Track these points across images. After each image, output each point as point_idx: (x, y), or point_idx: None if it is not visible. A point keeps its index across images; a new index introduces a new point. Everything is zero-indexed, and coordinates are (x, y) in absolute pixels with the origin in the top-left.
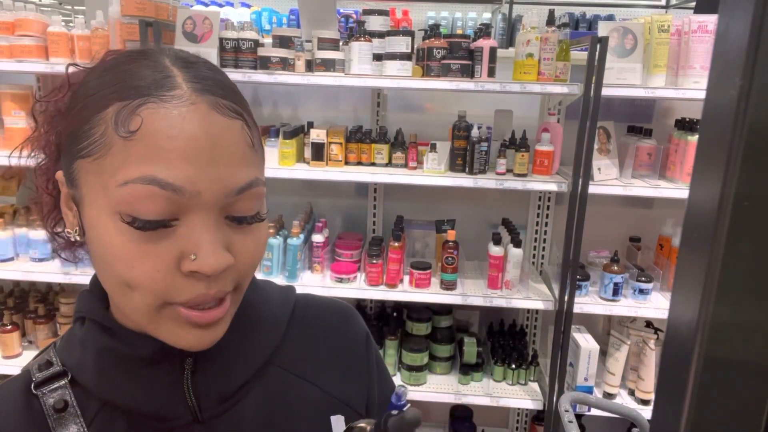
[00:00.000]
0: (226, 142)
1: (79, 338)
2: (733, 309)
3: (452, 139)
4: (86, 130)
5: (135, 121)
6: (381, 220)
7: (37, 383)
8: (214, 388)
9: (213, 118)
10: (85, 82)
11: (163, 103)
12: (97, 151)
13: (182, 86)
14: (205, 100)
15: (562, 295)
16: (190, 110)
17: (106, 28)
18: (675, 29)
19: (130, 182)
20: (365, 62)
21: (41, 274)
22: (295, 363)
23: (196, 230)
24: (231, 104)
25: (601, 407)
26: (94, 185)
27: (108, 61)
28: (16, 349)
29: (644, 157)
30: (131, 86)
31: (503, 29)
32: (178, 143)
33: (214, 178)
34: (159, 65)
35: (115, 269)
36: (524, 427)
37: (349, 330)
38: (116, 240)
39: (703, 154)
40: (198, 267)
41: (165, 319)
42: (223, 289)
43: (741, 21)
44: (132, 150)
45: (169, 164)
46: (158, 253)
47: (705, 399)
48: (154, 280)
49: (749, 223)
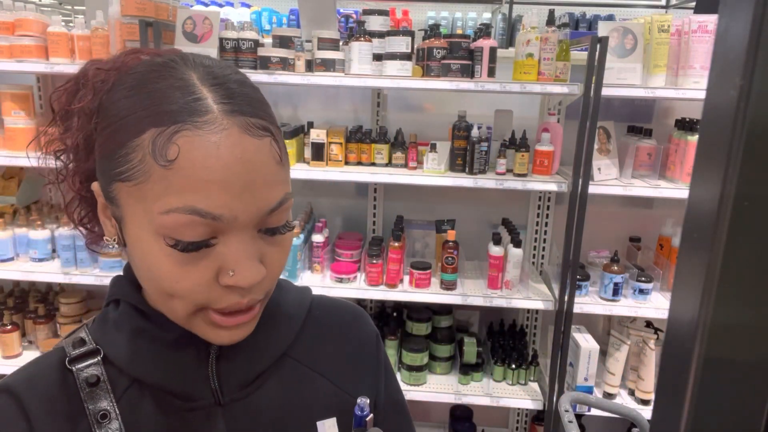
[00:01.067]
0: (258, 165)
1: (113, 319)
2: (733, 309)
3: (452, 139)
4: (123, 155)
5: (172, 149)
6: (381, 220)
7: (72, 359)
8: (235, 374)
9: (245, 142)
10: (116, 98)
11: (197, 130)
12: (137, 177)
13: (213, 110)
14: (236, 123)
15: (562, 295)
16: (223, 136)
17: (106, 28)
18: (675, 29)
19: (172, 211)
20: (365, 62)
21: (41, 274)
22: (310, 357)
23: (233, 248)
24: (260, 122)
25: (601, 407)
26: (135, 208)
27: (134, 75)
28: (16, 349)
29: (644, 157)
30: (164, 111)
31: (503, 29)
32: (215, 173)
33: (249, 202)
34: (188, 84)
35: (157, 282)
36: (524, 427)
37: (361, 330)
38: (160, 259)
39: (703, 154)
40: (235, 282)
41: (199, 320)
42: (255, 297)
43: (741, 21)
44: (171, 179)
45: (208, 194)
46: (199, 270)
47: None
48: (194, 292)
49: (749, 223)
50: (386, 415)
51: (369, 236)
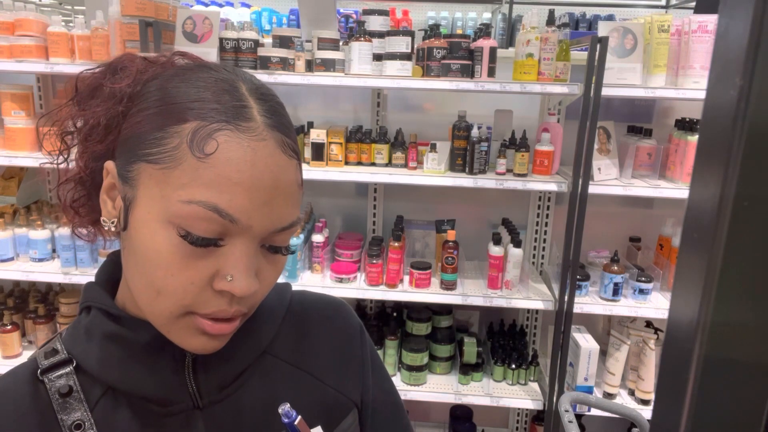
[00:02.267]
0: (284, 183)
1: (85, 326)
2: (733, 309)
3: (452, 139)
4: (158, 138)
5: (211, 144)
6: (381, 220)
7: (43, 370)
8: (213, 376)
9: (278, 157)
10: (159, 85)
11: (238, 132)
12: (167, 161)
13: (257, 119)
14: (274, 137)
15: (562, 295)
16: (261, 146)
17: (106, 28)
18: (675, 29)
19: (194, 203)
20: (365, 62)
21: (41, 274)
22: (291, 354)
23: (237, 254)
24: (292, 144)
25: (601, 407)
26: (153, 191)
27: (180, 70)
28: (16, 349)
29: (644, 157)
30: (211, 108)
31: (503, 29)
32: (245, 178)
33: (266, 215)
34: (237, 91)
35: (150, 272)
36: (524, 427)
37: (343, 323)
38: (163, 248)
39: (703, 154)
40: (231, 288)
41: (180, 325)
42: (240, 309)
43: (741, 21)
44: (202, 172)
45: (233, 196)
46: (197, 268)
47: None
48: (185, 290)
49: (749, 223)
50: (380, 415)
51: (369, 236)
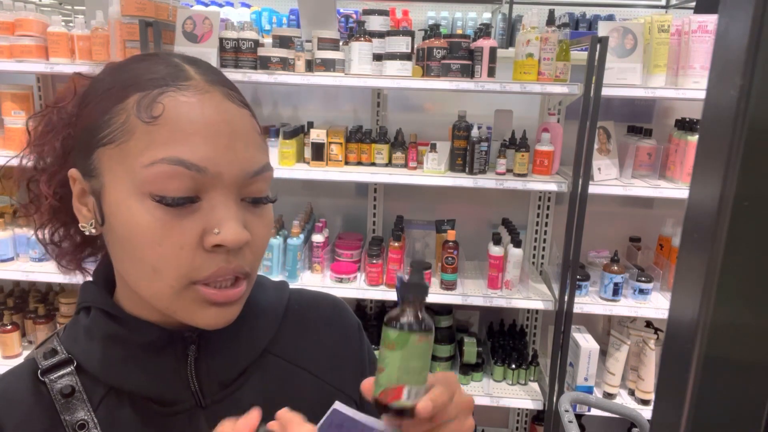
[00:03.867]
0: (241, 128)
1: (85, 327)
2: (733, 309)
3: (452, 139)
4: (106, 120)
5: (157, 107)
6: (381, 220)
7: (44, 370)
8: (215, 374)
9: (227, 106)
10: (97, 80)
11: (181, 91)
12: (120, 137)
13: (195, 77)
14: (218, 90)
15: (562, 295)
16: (206, 97)
17: (106, 28)
18: (675, 29)
19: (156, 162)
20: (365, 62)
21: (41, 274)
22: (291, 352)
23: (218, 208)
24: (239, 95)
25: (601, 407)
26: (116, 170)
27: (116, 63)
28: (16, 349)
29: (644, 157)
30: (148, 79)
31: (503, 29)
32: (199, 127)
33: (232, 160)
34: (170, 62)
35: (141, 251)
36: (524, 427)
37: (342, 321)
38: (143, 220)
39: (703, 154)
40: (221, 240)
41: (186, 300)
42: (241, 264)
43: (741, 21)
44: (156, 134)
45: (193, 146)
46: (182, 231)
47: (705, 399)
48: (178, 257)
49: (749, 223)
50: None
51: (369, 236)
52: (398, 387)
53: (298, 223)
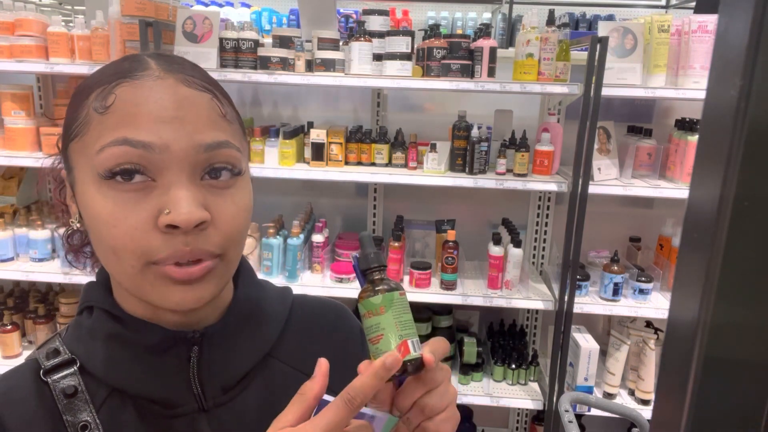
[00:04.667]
0: (193, 106)
1: (87, 327)
2: (733, 309)
3: (452, 139)
4: (74, 117)
5: (110, 98)
6: (381, 220)
7: (46, 370)
8: (218, 377)
9: (179, 89)
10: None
11: (134, 80)
12: (81, 130)
13: (153, 66)
14: (174, 76)
15: (562, 295)
16: (158, 83)
17: (106, 28)
18: (675, 29)
19: (105, 146)
20: (365, 62)
21: (41, 274)
22: (294, 357)
23: (171, 187)
24: (201, 82)
25: (601, 407)
26: (80, 162)
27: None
28: (16, 349)
29: (644, 157)
30: (110, 74)
31: (503, 29)
32: (146, 107)
33: (181, 133)
34: (137, 57)
35: (100, 234)
36: (524, 427)
37: (344, 326)
38: (99, 203)
39: (703, 154)
40: (171, 219)
41: (150, 280)
42: (200, 247)
43: (741, 21)
44: (107, 122)
45: (138, 125)
46: (137, 212)
47: (705, 399)
48: (133, 238)
49: (749, 223)
50: None
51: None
52: (403, 342)
53: (298, 223)
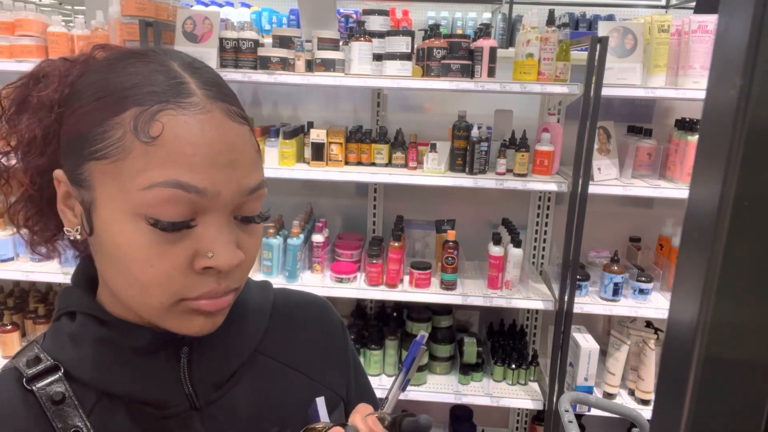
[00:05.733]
0: (240, 147)
1: (70, 332)
2: (733, 309)
3: (452, 139)
4: (100, 133)
5: (156, 126)
6: (381, 220)
7: (29, 378)
8: (208, 376)
9: (227, 125)
10: (89, 81)
11: (181, 109)
12: (115, 154)
13: (197, 93)
14: (219, 107)
15: (562, 295)
16: (207, 118)
17: (106, 28)
18: (675, 29)
19: (154, 186)
20: (365, 62)
21: (41, 274)
22: (280, 351)
23: (212, 230)
24: (239, 111)
25: (601, 407)
26: (110, 187)
27: (107, 61)
28: (16, 349)
29: (644, 157)
30: (147, 91)
31: (503, 29)
32: (199, 149)
33: (231, 179)
34: (169, 70)
35: (130, 269)
36: (524, 427)
37: (326, 320)
38: (136, 241)
39: (703, 154)
40: (214, 263)
41: (178, 313)
42: (230, 285)
43: (741, 21)
44: (154, 155)
45: (192, 168)
46: (175, 253)
47: (705, 399)
48: (170, 278)
49: (749, 223)
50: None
51: (369, 236)
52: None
53: (298, 223)
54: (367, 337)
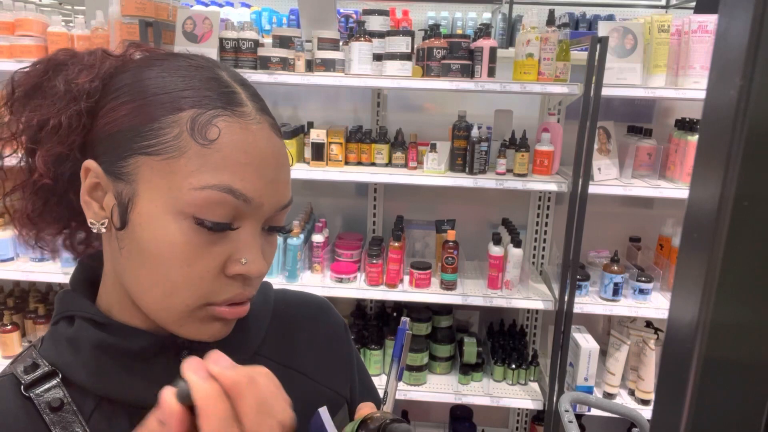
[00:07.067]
0: (282, 162)
1: (68, 337)
2: (733, 309)
3: (452, 139)
4: (155, 129)
5: (213, 131)
6: (381, 220)
7: (27, 385)
8: None
9: (274, 139)
10: (137, 78)
11: (236, 117)
12: (170, 151)
13: (248, 104)
14: (267, 120)
15: (562, 295)
16: (258, 129)
17: (106, 28)
18: (675, 29)
19: (207, 188)
20: (365, 62)
21: (41, 274)
22: (281, 354)
23: (248, 237)
24: (279, 126)
25: (601, 407)
26: (157, 183)
27: (153, 60)
28: (16, 349)
29: (644, 157)
30: (203, 95)
31: (503, 29)
32: (252, 158)
33: (273, 192)
34: (220, 78)
35: (165, 268)
36: (524, 427)
37: (328, 320)
38: (177, 239)
39: (703, 154)
40: (246, 270)
41: (199, 317)
42: (252, 292)
43: (741, 21)
44: (209, 158)
45: (244, 176)
46: (212, 255)
47: (705, 399)
48: (203, 280)
49: (749, 223)
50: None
51: (369, 236)
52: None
53: (298, 223)
54: (367, 337)
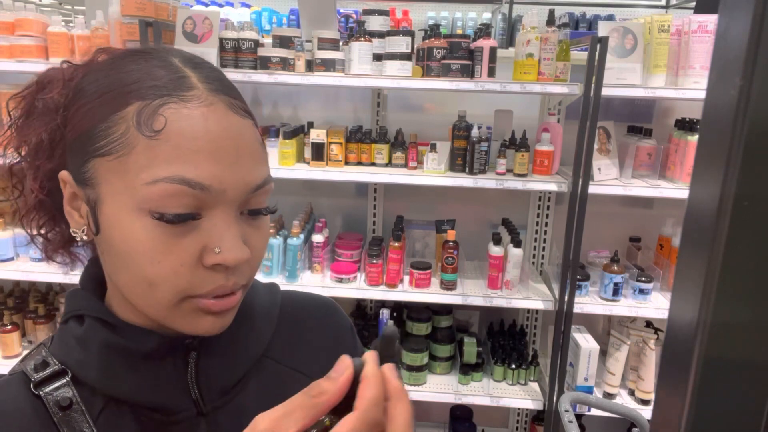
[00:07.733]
0: (245, 141)
1: (78, 336)
2: (733, 309)
3: (452, 139)
4: (103, 129)
5: (159, 120)
6: (381, 220)
7: (37, 383)
8: (215, 381)
9: (231, 118)
10: (92, 80)
11: (184, 103)
12: (119, 149)
13: (198, 86)
14: (221, 100)
15: (562, 295)
16: (210, 110)
17: (106, 28)
18: (675, 29)
19: (159, 181)
20: (365, 62)
21: (41, 274)
22: (288, 355)
23: (219, 225)
24: (241, 104)
25: (601, 407)
26: (114, 183)
27: (109, 60)
28: (16, 349)
29: (644, 157)
30: (149, 86)
31: (503, 29)
32: (203, 143)
33: (237, 176)
34: (171, 65)
35: (138, 266)
36: (524, 427)
37: (335, 322)
38: (142, 236)
39: (703, 154)
40: (222, 259)
41: (185, 312)
42: (238, 281)
43: (741, 21)
44: (158, 150)
45: (197, 164)
46: (183, 248)
47: (705, 399)
48: (177, 274)
49: (749, 223)
50: None
51: (369, 236)
52: None
53: (298, 223)
54: (367, 337)
